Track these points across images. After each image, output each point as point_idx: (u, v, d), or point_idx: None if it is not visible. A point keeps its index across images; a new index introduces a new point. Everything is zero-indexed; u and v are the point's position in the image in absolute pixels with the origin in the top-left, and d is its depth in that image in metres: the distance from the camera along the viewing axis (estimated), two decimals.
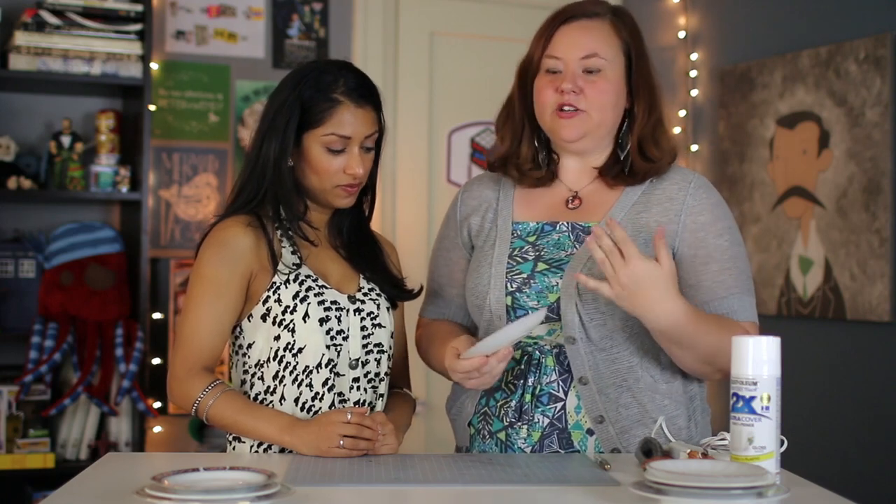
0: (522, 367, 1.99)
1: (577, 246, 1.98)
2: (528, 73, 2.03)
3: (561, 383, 1.97)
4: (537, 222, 2.04)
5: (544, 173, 2.06)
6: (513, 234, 2.04)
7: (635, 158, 1.99)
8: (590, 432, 1.96)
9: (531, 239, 2.03)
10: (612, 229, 1.79)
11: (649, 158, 2.00)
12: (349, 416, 1.89)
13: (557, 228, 2.02)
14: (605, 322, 1.94)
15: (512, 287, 1.99)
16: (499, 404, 2.01)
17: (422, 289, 2.21)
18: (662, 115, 2.03)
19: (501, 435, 2.00)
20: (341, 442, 1.86)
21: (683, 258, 1.98)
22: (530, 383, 1.98)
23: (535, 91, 2.01)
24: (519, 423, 1.98)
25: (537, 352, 1.99)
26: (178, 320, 2.03)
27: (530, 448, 1.96)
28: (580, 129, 1.97)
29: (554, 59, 1.97)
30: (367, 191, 2.16)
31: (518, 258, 2.01)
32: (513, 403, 1.99)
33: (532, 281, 1.98)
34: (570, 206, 2.04)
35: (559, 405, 1.97)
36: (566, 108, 1.96)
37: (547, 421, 1.97)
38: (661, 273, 1.79)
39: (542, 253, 2.00)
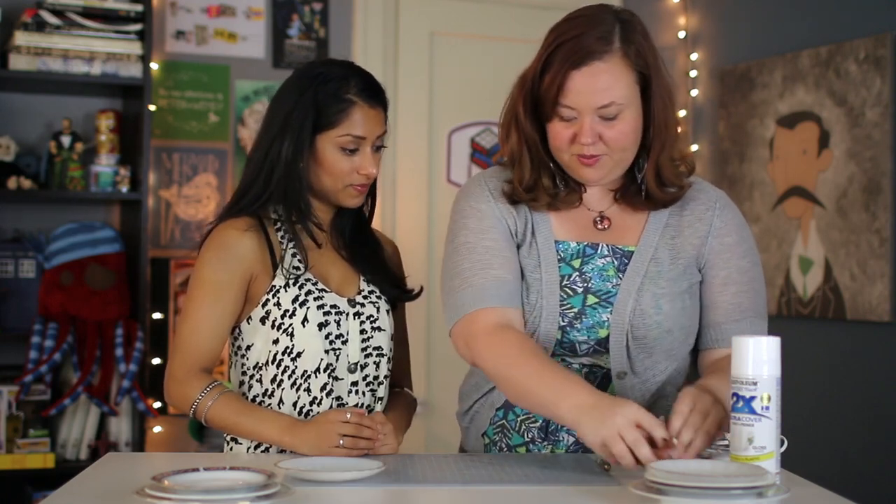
0: None
1: (620, 275, 1.93)
2: (537, 106, 1.89)
3: None
4: (578, 242, 1.96)
5: (575, 195, 1.97)
6: (557, 254, 1.95)
7: (653, 189, 1.93)
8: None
9: (576, 263, 1.94)
10: (679, 450, 1.64)
11: (667, 186, 1.93)
12: (348, 416, 1.89)
13: (599, 252, 1.95)
14: (651, 354, 1.92)
15: (563, 322, 1.92)
16: (519, 419, 1.97)
17: (421, 290, 2.19)
18: (677, 125, 1.94)
19: (521, 450, 1.97)
20: (341, 441, 1.86)
21: (705, 279, 1.96)
22: None
23: (549, 131, 1.90)
24: (543, 442, 1.96)
25: None
26: (178, 322, 2.03)
27: None
28: (602, 173, 1.90)
29: (568, 109, 1.84)
30: (369, 191, 2.16)
31: (568, 290, 1.93)
32: (538, 422, 1.95)
33: (583, 316, 1.92)
34: (599, 226, 1.98)
35: None
36: (585, 156, 1.87)
37: (573, 440, 1.94)
38: (692, 396, 1.70)
39: (590, 284, 1.93)
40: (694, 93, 4.43)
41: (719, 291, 1.95)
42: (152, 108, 3.71)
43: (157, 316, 3.81)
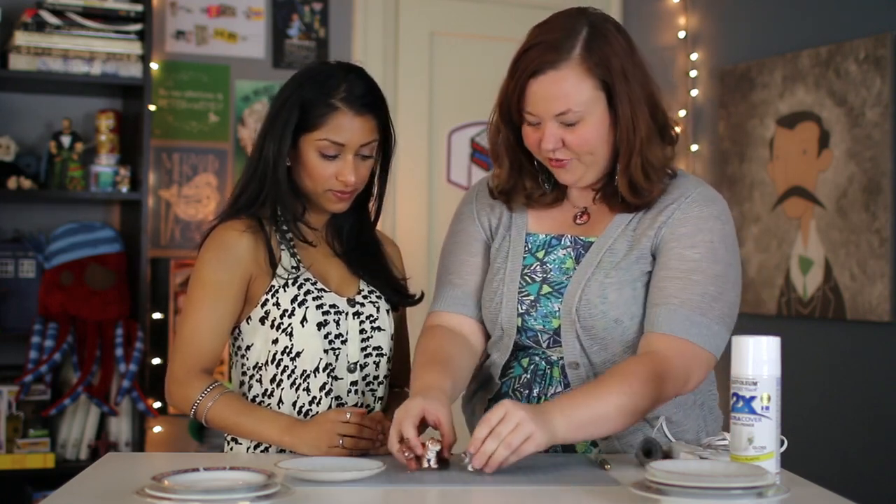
0: (529, 376, 1.98)
1: (576, 266, 1.95)
2: (510, 109, 1.93)
3: None
4: (546, 234, 2.01)
5: (553, 195, 2.01)
6: (525, 246, 2.01)
7: (625, 192, 1.92)
8: (594, 444, 1.95)
9: (539, 254, 1.99)
10: (475, 443, 1.68)
11: (641, 190, 1.92)
12: (348, 416, 1.89)
13: (562, 243, 1.98)
14: (605, 346, 1.92)
15: (521, 308, 1.96)
16: None
17: (423, 296, 2.20)
18: (656, 127, 1.92)
19: None
20: (341, 441, 1.87)
21: (653, 271, 1.93)
22: (535, 394, 1.96)
23: (522, 132, 1.94)
24: None
25: (544, 362, 1.97)
26: (178, 323, 2.03)
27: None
28: (575, 175, 1.93)
29: (530, 115, 1.88)
30: (371, 197, 2.14)
31: (528, 277, 1.98)
32: None
33: (538, 304, 1.96)
34: (577, 221, 2.01)
35: None
36: (555, 159, 1.91)
37: None
38: (505, 406, 1.69)
39: (548, 275, 1.97)
40: (694, 93, 4.43)
41: (653, 278, 1.91)
42: (152, 108, 3.71)
43: (157, 316, 3.81)
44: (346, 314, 2.05)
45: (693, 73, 4.43)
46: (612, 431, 1.81)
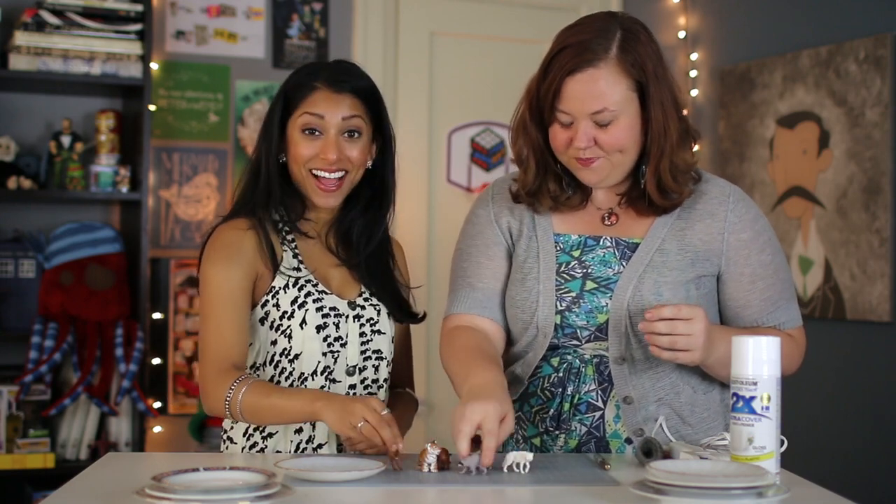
0: (561, 375, 1.98)
1: (623, 263, 1.96)
2: (540, 108, 1.94)
3: (600, 393, 1.96)
4: (579, 235, 2.01)
5: (578, 197, 2.02)
6: (556, 246, 2.01)
7: (654, 195, 1.95)
8: (628, 441, 1.96)
9: (576, 253, 2.00)
10: (655, 314, 1.79)
11: (669, 192, 1.95)
12: (385, 412, 1.80)
13: (601, 243, 1.99)
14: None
15: (561, 306, 1.97)
16: (534, 410, 2.00)
17: (425, 315, 2.18)
18: (682, 130, 1.95)
19: (536, 441, 2.00)
20: (360, 424, 1.77)
21: (730, 277, 1.99)
22: (569, 392, 1.97)
23: (549, 134, 1.95)
24: (556, 431, 1.97)
25: (577, 360, 1.97)
26: (200, 329, 1.99)
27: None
28: (600, 175, 1.94)
29: (564, 114, 1.89)
30: (377, 201, 2.11)
31: (566, 275, 1.98)
32: (550, 411, 1.98)
33: (581, 300, 1.96)
34: (606, 222, 2.02)
35: (598, 414, 1.96)
36: (582, 158, 1.91)
37: (585, 429, 1.96)
38: (697, 313, 1.80)
39: (590, 270, 1.98)
40: (694, 93, 4.43)
41: (749, 290, 1.99)
42: (152, 108, 3.71)
43: (157, 316, 3.81)
44: (347, 317, 2.04)
45: (693, 73, 4.43)
46: None
